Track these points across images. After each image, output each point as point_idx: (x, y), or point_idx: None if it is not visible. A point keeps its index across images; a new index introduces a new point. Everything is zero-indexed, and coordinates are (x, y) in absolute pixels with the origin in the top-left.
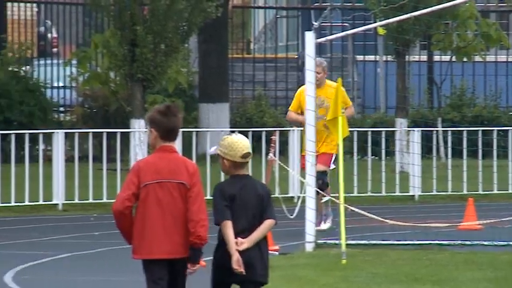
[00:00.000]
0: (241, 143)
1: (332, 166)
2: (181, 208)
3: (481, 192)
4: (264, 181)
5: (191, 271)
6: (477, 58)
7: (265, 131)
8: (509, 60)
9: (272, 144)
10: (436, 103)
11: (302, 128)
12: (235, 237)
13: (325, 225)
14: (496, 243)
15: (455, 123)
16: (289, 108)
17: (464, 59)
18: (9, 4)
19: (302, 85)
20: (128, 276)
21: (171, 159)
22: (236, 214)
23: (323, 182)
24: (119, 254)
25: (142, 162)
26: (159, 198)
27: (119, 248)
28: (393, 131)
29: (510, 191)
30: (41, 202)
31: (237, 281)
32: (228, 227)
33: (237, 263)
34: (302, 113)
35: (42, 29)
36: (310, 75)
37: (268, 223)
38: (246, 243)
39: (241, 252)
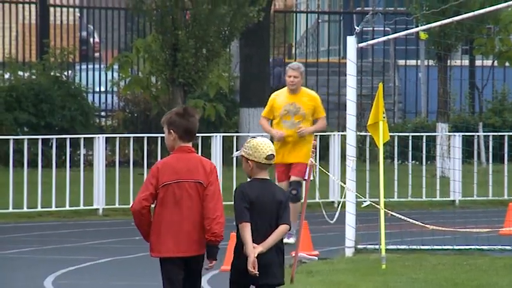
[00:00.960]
0: (266, 145)
1: (307, 177)
2: (198, 207)
3: None
4: (304, 186)
5: (209, 267)
6: None
7: None
8: None
9: (312, 149)
10: (478, 108)
11: (343, 133)
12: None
13: (291, 240)
14: None
15: (497, 128)
16: (262, 114)
17: (506, 64)
18: (51, 9)
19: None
20: None
21: (189, 159)
22: (254, 218)
23: (297, 193)
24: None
25: (161, 164)
26: (176, 198)
27: None
28: (434, 136)
29: None
30: (81, 207)
31: (252, 283)
32: (246, 229)
33: (252, 265)
34: (274, 119)
35: (84, 33)
36: (351, 80)
37: (282, 228)
38: (260, 247)
39: (258, 255)
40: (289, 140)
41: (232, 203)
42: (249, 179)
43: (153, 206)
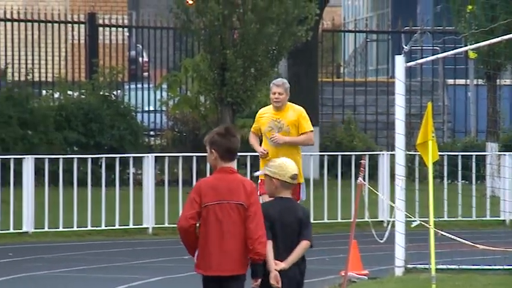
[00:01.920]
0: (290, 164)
1: (303, 197)
2: (239, 227)
3: None
4: (353, 205)
5: (254, 285)
6: None
7: (355, 155)
8: None
9: (361, 168)
10: None
11: (392, 152)
12: (274, 259)
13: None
14: None
15: None
16: (251, 129)
17: None
18: (100, 28)
19: None
20: None
21: (230, 180)
22: (276, 235)
23: None
24: None
25: (203, 183)
26: (218, 218)
27: None
28: (484, 155)
29: None
30: (131, 226)
31: None
32: (268, 247)
33: (274, 279)
34: (261, 134)
35: (133, 53)
36: (400, 99)
37: (303, 244)
38: (283, 264)
39: (281, 271)
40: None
41: None
42: (271, 198)
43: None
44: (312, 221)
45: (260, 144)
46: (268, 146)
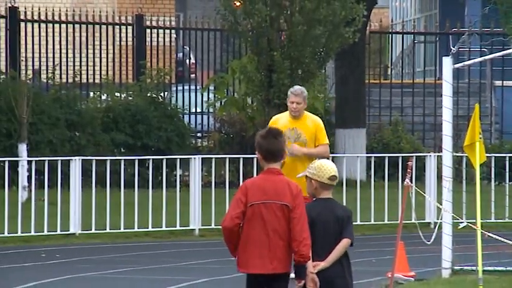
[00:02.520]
0: (329, 166)
1: None
2: (283, 227)
3: None
4: (400, 207)
5: (298, 286)
6: None
7: (402, 156)
8: None
9: (408, 170)
10: None
11: (439, 154)
12: (314, 259)
13: None
14: None
15: None
16: None
17: None
18: (148, 30)
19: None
20: None
21: (275, 181)
22: (317, 235)
23: None
24: None
25: (250, 183)
26: (263, 218)
27: None
28: None
29: None
30: (177, 227)
31: None
32: None
33: (311, 282)
34: None
35: (180, 55)
36: (447, 101)
37: (344, 242)
38: (323, 263)
39: (321, 270)
40: (287, 169)
41: None
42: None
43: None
44: (358, 222)
45: None
46: None
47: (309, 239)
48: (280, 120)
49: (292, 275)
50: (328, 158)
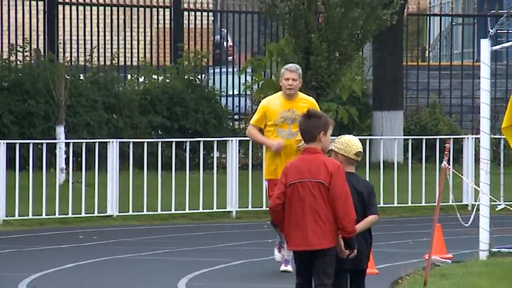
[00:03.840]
0: (356, 142)
1: None
2: (321, 204)
3: None
4: (437, 189)
5: (350, 255)
6: None
7: (439, 138)
8: None
9: (446, 152)
10: None
11: (477, 136)
12: None
13: (288, 267)
14: None
15: None
16: (251, 122)
17: None
18: (185, 13)
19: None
20: None
21: (311, 160)
22: None
23: None
24: (291, 262)
25: (289, 164)
26: (301, 196)
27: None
28: None
29: None
30: (215, 209)
31: (346, 269)
32: None
33: (340, 252)
34: (265, 128)
35: (217, 37)
36: (485, 83)
37: (370, 218)
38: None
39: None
40: (285, 152)
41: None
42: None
43: None
44: (395, 204)
45: None
46: (279, 138)
47: (353, 214)
48: (273, 103)
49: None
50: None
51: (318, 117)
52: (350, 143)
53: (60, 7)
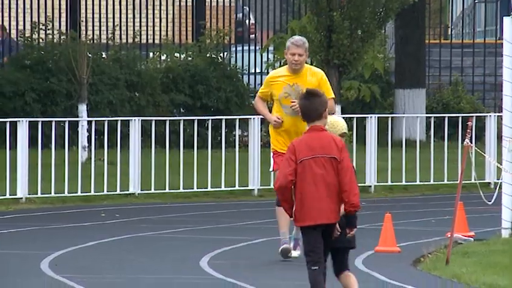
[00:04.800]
0: (341, 123)
1: None
2: (333, 179)
3: None
4: (460, 167)
5: (350, 234)
6: None
7: (462, 116)
8: None
9: (468, 130)
10: None
11: (499, 114)
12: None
13: (296, 253)
14: None
15: None
16: (258, 93)
17: None
18: None
19: None
20: None
21: (321, 137)
22: None
23: None
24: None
25: (296, 142)
26: (314, 172)
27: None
28: None
29: None
30: (237, 187)
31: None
32: None
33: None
34: (272, 102)
35: (240, 15)
36: (508, 61)
37: None
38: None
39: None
40: (290, 129)
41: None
42: None
43: None
44: (418, 182)
45: (270, 112)
46: (283, 114)
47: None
48: (279, 76)
49: None
50: (333, 113)
51: (319, 96)
52: (336, 123)
53: None
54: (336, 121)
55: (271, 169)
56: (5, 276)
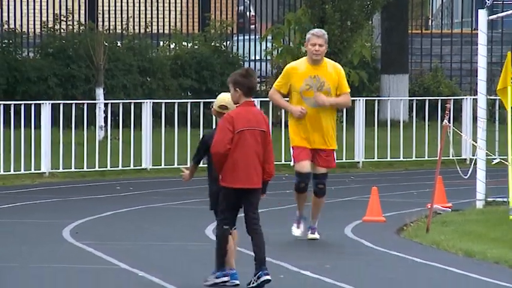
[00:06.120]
0: (221, 97)
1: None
2: (261, 150)
3: None
4: (439, 145)
5: (262, 198)
6: None
7: (441, 99)
8: None
9: (447, 112)
10: None
11: (474, 97)
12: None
13: (316, 235)
14: None
15: None
16: (274, 85)
17: None
18: None
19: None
20: (318, 229)
21: (255, 112)
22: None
23: (324, 187)
24: (309, 210)
25: (234, 114)
26: (248, 142)
27: (308, 204)
28: None
29: None
30: None
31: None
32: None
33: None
34: (288, 94)
35: (241, 7)
36: (482, 49)
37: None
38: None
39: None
40: (310, 121)
41: None
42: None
43: None
44: (401, 158)
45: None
46: (305, 106)
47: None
48: (299, 68)
49: None
50: (349, 105)
51: (255, 75)
52: (219, 99)
53: None
54: (219, 97)
55: (293, 163)
56: (31, 242)
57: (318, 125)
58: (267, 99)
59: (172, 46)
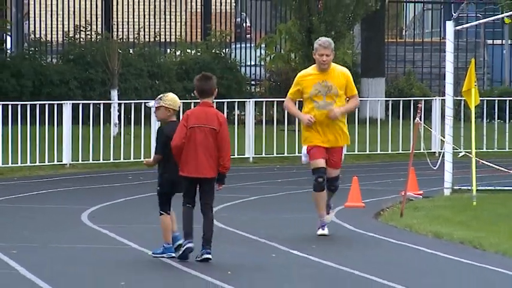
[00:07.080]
0: (178, 99)
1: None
2: (211, 144)
3: None
4: (411, 139)
5: (218, 189)
6: None
7: (413, 100)
8: None
9: (418, 111)
10: None
11: (443, 98)
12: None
13: (325, 231)
14: None
15: None
16: (288, 94)
17: None
18: (213, 0)
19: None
20: (305, 214)
21: (207, 112)
22: (166, 150)
23: (335, 188)
24: (297, 197)
25: (190, 112)
26: (197, 137)
27: (296, 192)
28: None
29: None
30: (235, 156)
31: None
32: (156, 159)
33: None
34: (303, 100)
35: (238, 19)
36: (449, 56)
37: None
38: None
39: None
40: (322, 121)
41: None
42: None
43: None
44: (378, 152)
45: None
46: (315, 108)
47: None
48: (309, 76)
49: None
50: (357, 107)
51: (212, 78)
52: (175, 99)
53: None
54: (175, 97)
55: (306, 161)
56: (54, 225)
57: (327, 127)
58: (261, 99)
59: (178, 53)
